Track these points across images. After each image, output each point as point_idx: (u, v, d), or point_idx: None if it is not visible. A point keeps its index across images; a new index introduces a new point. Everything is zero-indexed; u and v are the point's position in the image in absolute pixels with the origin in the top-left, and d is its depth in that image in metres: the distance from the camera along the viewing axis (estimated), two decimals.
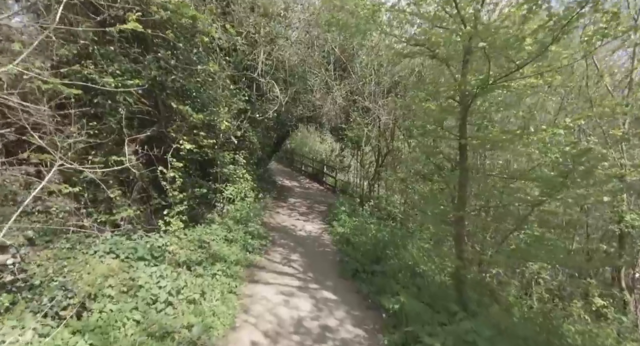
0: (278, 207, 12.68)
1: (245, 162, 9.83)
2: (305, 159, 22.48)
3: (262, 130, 11.68)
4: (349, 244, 7.61)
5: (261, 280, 5.69)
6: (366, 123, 9.53)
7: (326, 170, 19.30)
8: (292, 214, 11.75)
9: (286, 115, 12.43)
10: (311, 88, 11.00)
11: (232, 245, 6.61)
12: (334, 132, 16.60)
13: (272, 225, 9.83)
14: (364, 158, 12.05)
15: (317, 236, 9.17)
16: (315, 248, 7.99)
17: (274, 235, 8.78)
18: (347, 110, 11.52)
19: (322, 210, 12.91)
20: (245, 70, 8.97)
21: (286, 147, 25.03)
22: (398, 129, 10.61)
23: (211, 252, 5.69)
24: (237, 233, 7.13)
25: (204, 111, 5.54)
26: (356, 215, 9.95)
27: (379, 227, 7.81)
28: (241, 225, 7.72)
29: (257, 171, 12.21)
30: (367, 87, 9.50)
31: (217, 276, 5.21)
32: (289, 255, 7.23)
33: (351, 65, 10.18)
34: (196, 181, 7.87)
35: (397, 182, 9.61)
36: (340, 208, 10.50)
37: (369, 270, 5.96)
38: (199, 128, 5.57)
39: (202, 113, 5.19)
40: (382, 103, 9.30)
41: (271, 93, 9.28)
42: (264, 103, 9.55)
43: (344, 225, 9.12)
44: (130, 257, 4.80)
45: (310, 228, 9.90)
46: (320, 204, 14.01)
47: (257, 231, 7.81)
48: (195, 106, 5.47)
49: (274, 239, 8.33)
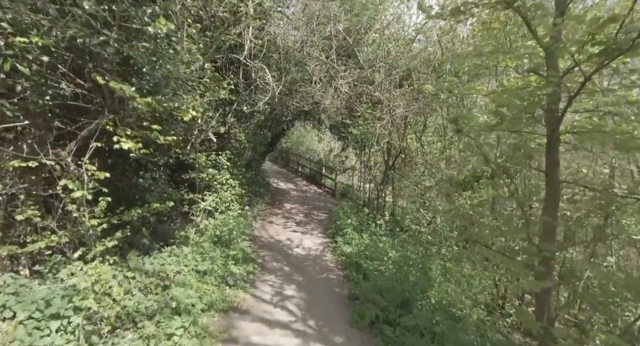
0: (272, 215, 11.02)
1: (232, 165, 8.14)
2: (302, 159, 20.82)
3: (253, 127, 9.97)
4: (360, 271, 5.96)
5: (241, 338, 4.00)
6: (378, 118, 7.87)
7: (325, 171, 17.63)
8: (287, 224, 10.09)
9: (281, 110, 10.73)
10: (310, 78, 9.33)
11: (207, 277, 4.92)
12: (335, 130, 14.94)
13: (264, 241, 8.15)
14: (370, 158, 10.39)
15: (318, 255, 7.51)
16: (317, 275, 6.32)
17: (265, 254, 7.11)
18: (351, 104, 9.87)
19: (321, 219, 11.27)
20: (230, 51, 7.27)
21: (281, 146, 23.37)
22: (410, 126, 8.97)
23: (170, 296, 4.00)
24: (214, 260, 5.45)
25: (159, 94, 3.85)
26: (364, 227, 8.31)
27: (402, 250, 6.12)
28: (222, 247, 6.04)
29: (246, 174, 10.51)
30: (378, 75, 7.83)
31: (175, 338, 3.53)
32: (282, 288, 5.56)
33: (359, 48, 8.51)
34: (164, 190, 6.17)
35: (414, 187, 7.98)
36: (345, 219, 8.85)
37: (394, 319, 4.32)
38: (153, 120, 3.89)
39: (152, 97, 3.49)
40: (397, 93, 7.63)
41: (262, 81, 7.58)
42: (254, 94, 7.85)
43: (350, 242, 7.47)
44: (34, 317, 3.11)
45: (309, 244, 8.24)
46: (319, 211, 12.37)
47: (242, 253, 6.14)
48: (144, 87, 3.78)
49: (264, 262, 6.66)
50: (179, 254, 5.23)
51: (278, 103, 10.19)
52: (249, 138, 8.86)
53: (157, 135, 3.72)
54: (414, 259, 5.53)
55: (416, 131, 9.64)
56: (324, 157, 21.17)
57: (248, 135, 8.64)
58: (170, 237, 6.17)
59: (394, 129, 8.12)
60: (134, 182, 5.97)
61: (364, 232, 7.90)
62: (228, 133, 7.74)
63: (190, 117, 3.96)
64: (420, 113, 7.86)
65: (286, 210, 12.07)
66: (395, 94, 7.59)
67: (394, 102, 7.50)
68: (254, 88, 7.80)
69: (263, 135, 13.92)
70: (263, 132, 13.88)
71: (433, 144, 10.19)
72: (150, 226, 5.38)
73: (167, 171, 7.34)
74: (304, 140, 24.62)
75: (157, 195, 5.94)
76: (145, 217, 5.09)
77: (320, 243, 8.50)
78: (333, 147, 22.59)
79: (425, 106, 7.68)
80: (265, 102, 7.25)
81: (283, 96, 9.45)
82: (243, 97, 7.82)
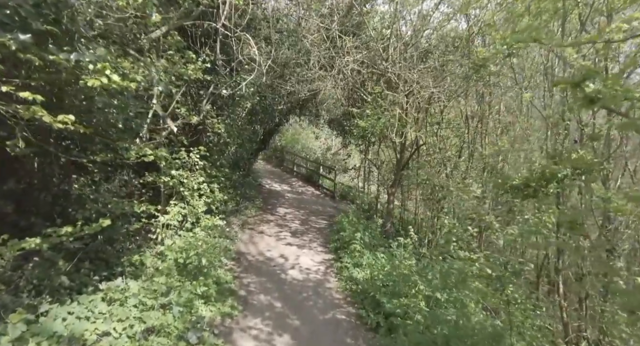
0: (263, 223, 9.36)
1: (209, 164, 6.44)
2: (298, 158, 19.16)
3: (238, 119, 8.25)
4: (379, 310, 4.30)
5: None
6: (394, 103, 6.18)
7: (322, 171, 15.99)
8: (280, 234, 8.43)
9: (272, 98, 9.01)
10: (307, 60, 7.64)
11: (154, 338, 3.23)
12: (334, 124, 13.27)
13: (251, 259, 6.48)
14: (378, 156, 8.72)
15: (320, 280, 5.85)
16: (319, 314, 4.65)
17: (251, 282, 5.44)
18: (356, 91, 8.22)
19: (321, 226, 9.63)
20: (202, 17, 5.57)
21: (275, 144, 21.72)
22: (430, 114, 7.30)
23: None
24: (171, 304, 3.75)
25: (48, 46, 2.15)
26: (376, 241, 6.66)
27: (434, 279, 4.38)
28: (189, 277, 4.34)
29: (231, 175, 8.81)
30: (392, 50, 6.12)
31: None
32: (272, 341, 3.88)
33: (367, 18, 6.83)
34: (108, 200, 4.46)
35: (445, 193, 6.31)
36: (351, 229, 7.18)
37: None
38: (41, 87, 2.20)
39: (12, 38, 1.81)
40: (421, 69, 5.89)
41: (246, 57, 5.89)
42: (235, 73, 6.15)
43: (360, 263, 5.82)
44: None
45: (307, 263, 6.58)
46: (318, 216, 10.74)
47: (216, 287, 4.45)
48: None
49: (248, 295, 4.98)
50: (119, 297, 3.53)
51: (269, 90, 8.49)
52: (232, 131, 7.14)
53: (36, 112, 2.04)
54: (464, 302, 3.85)
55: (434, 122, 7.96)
56: (321, 156, 19.56)
57: (230, 127, 6.92)
58: (120, 264, 4.48)
59: (413, 117, 6.45)
60: (62, 189, 4.25)
61: (376, 249, 6.25)
62: (203, 124, 6.03)
63: (100, 84, 2.27)
64: (453, 95, 6.16)
65: (280, 216, 10.43)
66: (419, 70, 5.87)
67: (420, 81, 5.78)
68: (236, 66, 6.10)
69: (253, 130, 12.23)
70: (253, 127, 12.19)
71: (447, 140, 8.54)
72: (76, 256, 3.66)
73: (128, 173, 5.64)
74: (299, 138, 22.99)
75: (95, 209, 4.23)
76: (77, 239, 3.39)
77: (321, 261, 6.84)
78: (331, 144, 20.99)
79: (458, 87, 6.01)
80: (249, 81, 5.54)
81: (274, 80, 7.75)
82: (222, 78, 6.12)
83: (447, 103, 6.54)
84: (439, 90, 5.73)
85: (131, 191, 5.78)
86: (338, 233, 7.78)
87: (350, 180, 14.92)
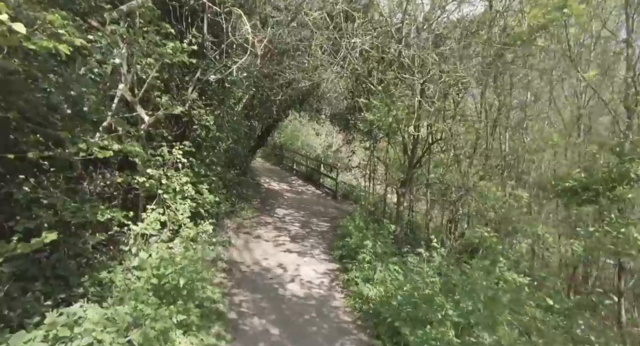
0: (259, 226, 8.58)
1: (198, 162, 5.63)
2: (298, 156, 18.36)
3: (234, 113, 7.41)
4: (399, 341, 3.50)
5: None
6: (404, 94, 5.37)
7: (323, 169, 15.18)
8: (279, 239, 7.64)
9: (270, 88, 8.16)
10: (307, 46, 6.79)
11: None
12: (337, 119, 12.45)
13: (245, 271, 5.68)
14: (387, 153, 7.90)
15: (324, 297, 5.04)
16: (326, 344, 3.84)
17: (243, 301, 4.63)
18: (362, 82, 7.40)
19: (323, 230, 8.85)
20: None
21: (274, 141, 20.94)
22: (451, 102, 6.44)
23: None
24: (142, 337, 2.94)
25: None
26: (387, 248, 5.85)
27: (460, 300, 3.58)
28: (164, 303, 3.53)
29: (225, 174, 7.99)
30: (410, 31, 5.23)
31: None
32: None
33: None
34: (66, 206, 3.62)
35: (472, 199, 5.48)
36: (358, 235, 6.37)
37: None
38: None
39: None
40: (439, 53, 5.03)
41: (238, 36, 5.05)
42: (225, 57, 5.31)
43: (371, 277, 5.01)
44: None
45: (309, 274, 5.78)
46: (319, 218, 9.96)
47: (197, 311, 3.64)
48: None
49: (239, 318, 4.17)
50: (67, 333, 2.71)
51: (266, 80, 7.65)
52: (223, 124, 6.29)
53: None
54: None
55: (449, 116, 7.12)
56: (322, 153, 18.75)
57: (221, 119, 6.08)
58: (84, 283, 3.68)
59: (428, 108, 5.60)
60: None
61: (388, 258, 5.44)
62: (189, 115, 5.20)
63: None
64: (479, 81, 5.29)
65: (278, 217, 9.65)
66: (439, 53, 4.98)
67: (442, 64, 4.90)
68: (227, 48, 5.26)
69: (250, 126, 11.42)
70: (250, 122, 11.38)
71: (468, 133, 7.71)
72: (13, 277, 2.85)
73: (111, 172, 4.80)
74: (299, 134, 22.16)
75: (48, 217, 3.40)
76: None
77: (325, 271, 6.04)
78: (332, 141, 20.18)
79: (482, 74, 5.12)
80: (241, 65, 4.71)
81: (271, 68, 6.91)
82: (210, 62, 5.28)
83: (473, 88, 5.69)
84: (466, 74, 4.88)
85: (111, 194, 4.96)
86: (343, 239, 6.97)
87: (352, 178, 14.10)
